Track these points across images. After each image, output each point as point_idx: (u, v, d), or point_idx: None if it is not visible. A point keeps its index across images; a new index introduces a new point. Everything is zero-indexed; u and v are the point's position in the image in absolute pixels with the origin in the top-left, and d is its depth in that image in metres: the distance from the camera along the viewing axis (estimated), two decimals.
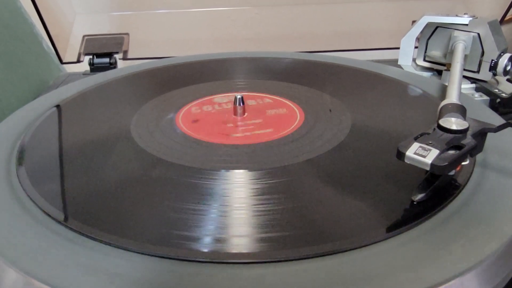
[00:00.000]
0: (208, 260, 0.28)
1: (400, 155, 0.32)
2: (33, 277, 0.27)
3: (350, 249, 0.29)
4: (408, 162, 0.32)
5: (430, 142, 0.33)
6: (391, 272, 0.27)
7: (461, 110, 0.38)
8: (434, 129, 0.34)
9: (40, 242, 0.30)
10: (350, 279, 0.27)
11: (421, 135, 0.34)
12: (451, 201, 0.33)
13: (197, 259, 0.28)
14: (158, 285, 0.27)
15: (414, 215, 0.32)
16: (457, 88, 0.45)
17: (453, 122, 0.34)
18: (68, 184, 0.37)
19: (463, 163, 0.35)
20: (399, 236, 0.30)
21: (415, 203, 0.33)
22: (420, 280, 0.27)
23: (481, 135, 0.35)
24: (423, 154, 0.32)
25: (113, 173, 0.39)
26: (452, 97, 0.42)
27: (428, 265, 0.28)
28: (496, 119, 0.46)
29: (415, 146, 0.32)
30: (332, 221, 0.32)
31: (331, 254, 0.29)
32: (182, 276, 0.27)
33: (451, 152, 0.32)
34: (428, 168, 0.31)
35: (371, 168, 0.38)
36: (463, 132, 0.34)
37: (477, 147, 0.34)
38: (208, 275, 0.27)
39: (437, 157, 0.31)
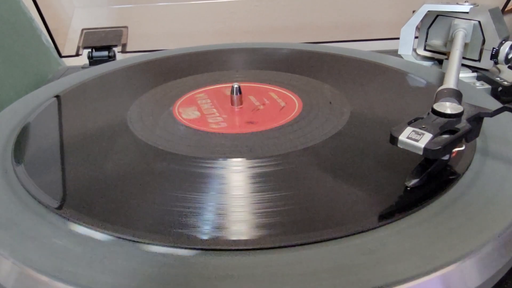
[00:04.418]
0: (208, 247, 0.28)
1: (393, 139, 0.32)
2: (29, 266, 0.27)
3: (348, 235, 0.29)
4: (401, 147, 0.32)
5: (424, 126, 0.32)
6: (389, 258, 0.27)
7: (456, 95, 0.37)
8: (428, 113, 0.34)
9: (37, 232, 0.30)
10: (348, 265, 0.26)
11: (415, 119, 0.33)
12: (451, 187, 0.33)
13: (197, 247, 0.28)
14: (159, 274, 0.26)
15: (413, 202, 0.31)
16: (455, 74, 0.44)
17: (448, 106, 0.34)
18: (62, 173, 0.37)
19: (458, 149, 0.35)
20: (397, 222, 0.30)
21: (408, 188, 0.32)
22: (418, 267, 0.26)
23: (476, 120, 0.34)
24: (416, 138, 0.31)
25: (110, 163, 0.39)
26: (449, 83, 0.41)
27: (427, 251, 0.27)
28: (498, 107, 0.45)
29: (408, 130, 0.32)
30: (329, 208, 0.32)
31: (328, 241, 0.28)
32: (185, 265, 0.27)
33: (445, 136, 0.32)
34: (420, 153, 0.31)
35: (370, 157, 0.38)
36: (458, 116, 0.33)
37: (473, 132, 0.34)
38: (208, 262, 0.27)
39: (430, 141, 0.31)
